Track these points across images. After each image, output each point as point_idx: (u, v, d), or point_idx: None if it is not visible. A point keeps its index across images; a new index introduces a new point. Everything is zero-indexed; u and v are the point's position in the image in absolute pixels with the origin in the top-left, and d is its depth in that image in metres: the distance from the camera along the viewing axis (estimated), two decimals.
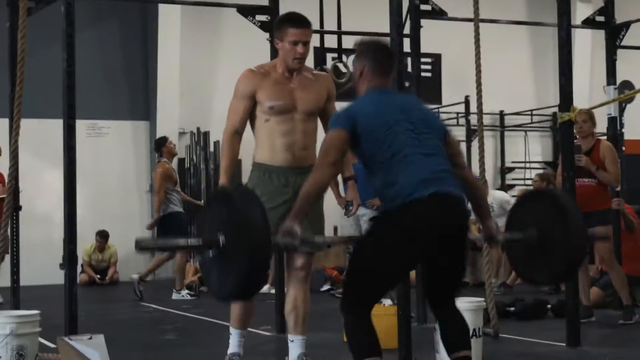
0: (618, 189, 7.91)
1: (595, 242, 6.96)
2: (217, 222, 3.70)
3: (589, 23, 7.88)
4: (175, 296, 10.59)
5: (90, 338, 4.86)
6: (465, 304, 5.58)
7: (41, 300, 9.01)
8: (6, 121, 6.53)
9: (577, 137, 7.35)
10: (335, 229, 11.54)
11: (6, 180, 5.93)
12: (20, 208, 6.59)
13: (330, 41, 9.71)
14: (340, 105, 14.69)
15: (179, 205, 10.69)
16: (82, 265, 12.75)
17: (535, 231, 4.21)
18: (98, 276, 13.21)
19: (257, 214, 3.61)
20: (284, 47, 4.95)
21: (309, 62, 13.31)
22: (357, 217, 9.29)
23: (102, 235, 13.22)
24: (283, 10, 6.98)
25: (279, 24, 5.04)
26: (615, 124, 8.26)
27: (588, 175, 7.39)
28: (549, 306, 8.21)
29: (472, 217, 4.15)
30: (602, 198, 7.53)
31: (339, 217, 9.21)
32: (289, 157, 4.95)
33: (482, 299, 5.90)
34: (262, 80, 4.96)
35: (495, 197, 11.38)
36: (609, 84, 8.06)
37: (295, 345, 5.04)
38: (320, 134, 5.09)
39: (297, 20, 4.97)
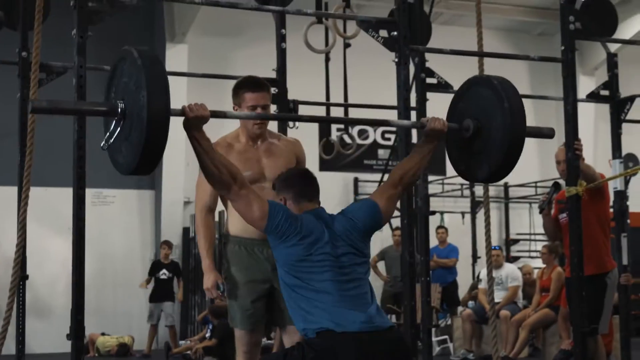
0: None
1: None
2: (120, 90, 3.72)
3: (593, 97, 7.91)
4: None
5: None
6: None
7: None
8: (14, 189, 6.54)
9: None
10: None
11: (14, 249, 5.92)
12: (27, 277, 6.57)
13: (337, 113, 9.76)
14: (343, 176, 14.58)
15: None
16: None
17: (471, 121, 4.35)
18: None
19: (156, 76, 3.66)
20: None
21: (315, 133, 13.53)
22: None
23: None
24: (291, 89, 7.05)
25: (235, 90, 4.75)
26: (621, 197, 8.23)
27: None
28: None
29: (483, 286, 4.08)
30: None
31: None
32: None
33: None
34: (227, 153, 4.63)
35: (506, 269, 11.27)
36: (614, 157, 8.04)
37: None
38: None
39: (254, 84, 4.71)
